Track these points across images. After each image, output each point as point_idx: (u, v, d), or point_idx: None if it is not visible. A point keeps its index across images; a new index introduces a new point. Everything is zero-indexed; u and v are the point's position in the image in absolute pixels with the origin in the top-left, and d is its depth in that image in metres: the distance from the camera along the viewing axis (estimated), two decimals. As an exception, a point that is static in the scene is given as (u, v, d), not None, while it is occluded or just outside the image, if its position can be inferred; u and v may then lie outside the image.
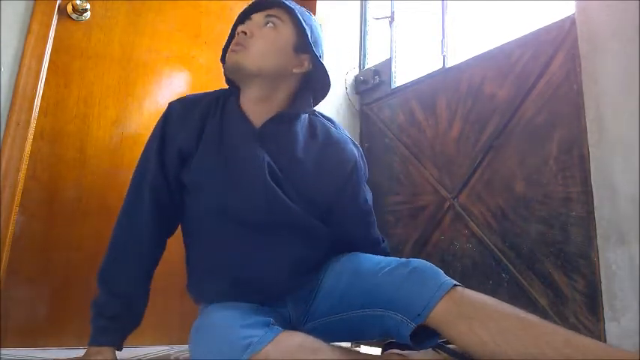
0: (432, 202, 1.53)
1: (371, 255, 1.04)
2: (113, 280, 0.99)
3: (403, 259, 0.94)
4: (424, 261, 0.92)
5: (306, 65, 1.04)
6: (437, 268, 0.91)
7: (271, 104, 1.03)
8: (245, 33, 0.99)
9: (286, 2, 1.02)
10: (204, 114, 1.03)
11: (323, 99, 1.13)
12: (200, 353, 0.83)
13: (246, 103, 1.04)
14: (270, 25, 1.01)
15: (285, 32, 1.02)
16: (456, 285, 0.85)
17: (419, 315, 0.84)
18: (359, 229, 1.13)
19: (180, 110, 1.04)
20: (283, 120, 1.02)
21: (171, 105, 1.06)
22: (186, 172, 1.00)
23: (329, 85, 1.09)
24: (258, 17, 1.02)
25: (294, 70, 1.03)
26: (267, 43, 1.00)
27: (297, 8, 1.04)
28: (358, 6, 2.08)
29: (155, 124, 1.07)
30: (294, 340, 0.80)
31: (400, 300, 0.87)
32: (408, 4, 1.90)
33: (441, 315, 0.82)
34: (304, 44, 1.02)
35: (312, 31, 1.03)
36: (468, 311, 0.81)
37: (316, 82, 1.08)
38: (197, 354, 0.84)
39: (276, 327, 0.82)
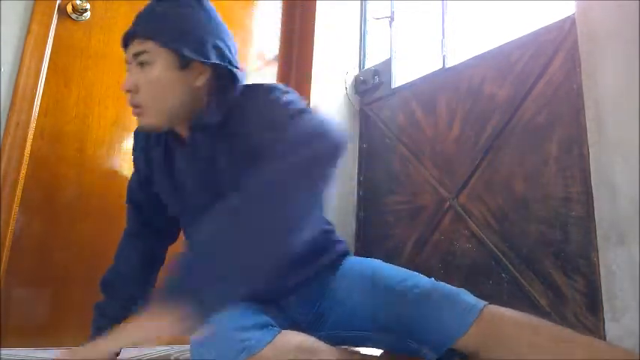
0: (431, 202, 1.53)
1: (388, 266, 0.99)
2: (114, 287, 1.05)
3: (425, 281, 0.90)
4: (447, 287, 0.89)
5: None
6: (461, 293, 0.87)
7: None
8: None
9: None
10: (153, 139, 1.04)
11: None
12: (199, 355, 0.83)
13: None
14: None
15: None
16: (484, 308, 0.82)
17: (443, 344, 0.82)
18: None
19: (138, 137, 1.08)
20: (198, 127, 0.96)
21: (134, 133, 1.10)
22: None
23: None
24: None
25: None
26: None
27: None
28: (358, 6, 2.08)
29: None
30: (292, 341, 0.79)
31: (422, 332, 0.85)
32: (408, 4, 1.90)
33: (466, 345, 0.81)
34: None
35: None
36: (496, 342, 0.79)
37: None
38: (196, 356, 0.84)
39: (275, 328, 0.81)
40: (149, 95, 0.89)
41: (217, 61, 0.91)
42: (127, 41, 0.92)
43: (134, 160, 1.10)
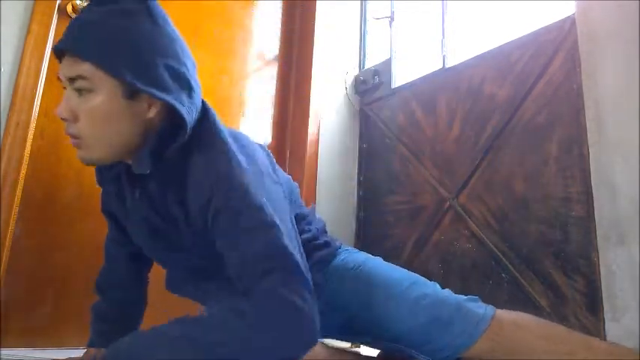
0: (431, 202, 1.53)
1: (388, 270, 0.95)
2: (107, 288, 1.04)
3: (430, 290, 0.88)
4: (453, 297, 0.87)
5: None
6: (470, 303, 0.86)
7: None
8: None
9: None
10: (108, 168, 0.94)
11: None
12: None
13: None
14: None
15: None
16: (492, 317, 0.82)
17: (449, 357, 0.82)
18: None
19: (97, 169, 0.99)
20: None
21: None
22: None
23: None
24: None
25: None
26: None
27: None
28: (358, 6, 2.08)
29: None
30: None
31: (428, 344, 0.84)
32: (408, 4, 1.90)
33: (471, 354, 0.81)
34: None
35: None
36: (502, 349, 0.79)
37: None
38: None
39: None
40: (90, 126, 0.75)
41: (170, 93, 0.75)
42: (58, 57, 0.76)
43: (96, 178, 1.01)
